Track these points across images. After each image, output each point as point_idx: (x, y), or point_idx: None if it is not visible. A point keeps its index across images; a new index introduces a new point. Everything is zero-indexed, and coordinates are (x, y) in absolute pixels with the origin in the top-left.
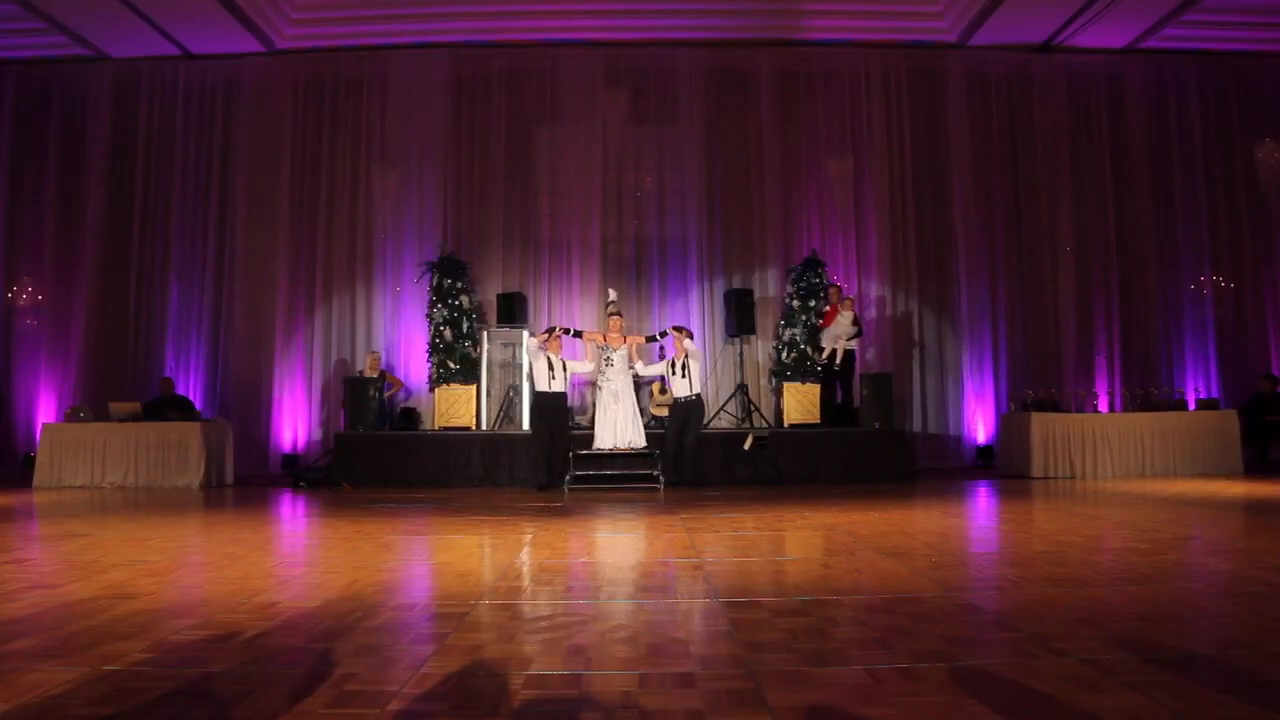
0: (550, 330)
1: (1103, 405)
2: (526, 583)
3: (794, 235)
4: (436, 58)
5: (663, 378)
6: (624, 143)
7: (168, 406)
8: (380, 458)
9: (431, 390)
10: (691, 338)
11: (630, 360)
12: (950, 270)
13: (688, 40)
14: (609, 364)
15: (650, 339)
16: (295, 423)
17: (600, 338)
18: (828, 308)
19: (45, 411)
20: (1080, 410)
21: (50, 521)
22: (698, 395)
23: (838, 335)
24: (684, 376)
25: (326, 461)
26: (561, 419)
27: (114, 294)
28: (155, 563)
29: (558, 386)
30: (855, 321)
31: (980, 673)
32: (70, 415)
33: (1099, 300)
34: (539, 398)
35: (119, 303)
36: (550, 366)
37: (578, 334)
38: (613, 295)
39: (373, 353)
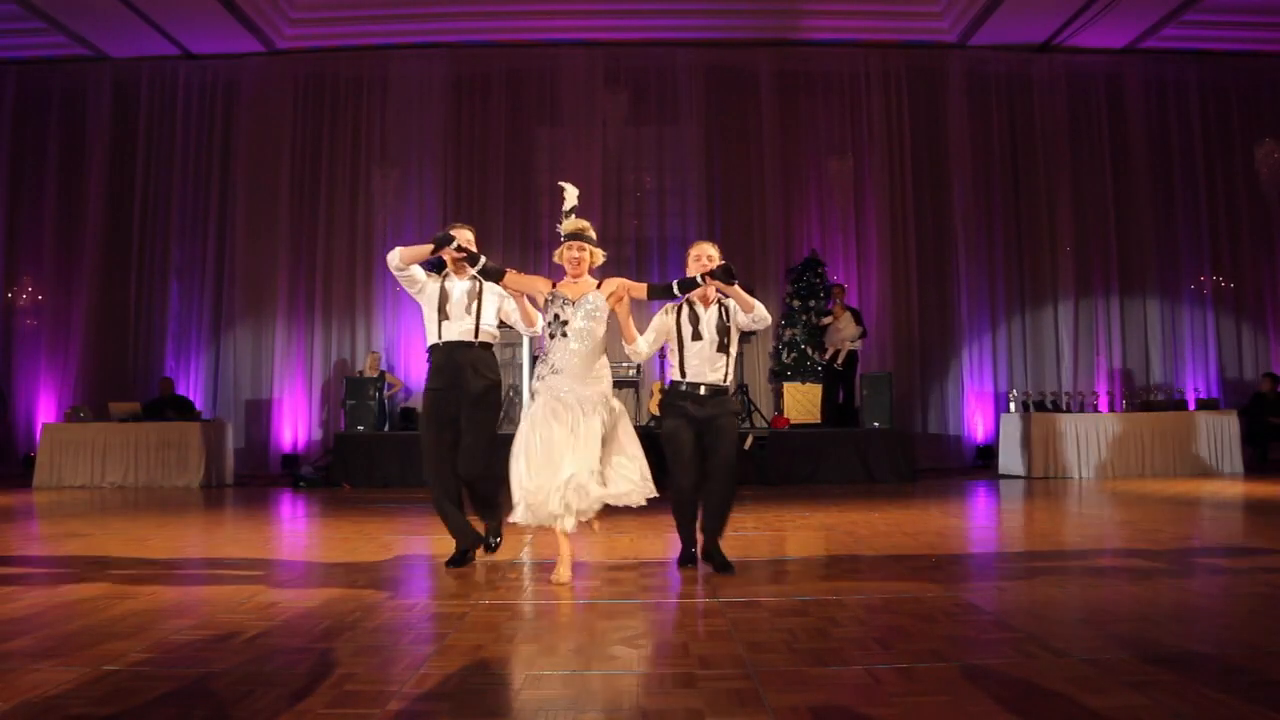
0: (440, 242)
1: (1103, 405)
2: (526, 583)
3: (794, 235)
4: (436, 58)
5: (662, 358)
6: (624, 143)
7: (168, 406)
8: (380, 458)
9: None
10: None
11: (622, 331)
12: (950, 270)
13: (688, 40)
14: (560, 330)
15: (663, 292)
16: (295, 423)
17: (543, 285)
18: (831, 308)
19: (45, 411)
20: (1080, 410)
21: (50, 521)
22: (733, 389)
23: (844, 337)
24: (721, 347)
25: (326, 461)
26: (474, 402)
27: (114, 294)
28: (155, 563)
29: (458, 332)
30: (859, 322)
31: (980, 673)
32: (70, 415)
33: (1099, 300)
34: (430, 360)
35: (119, 303)
36: (444, 296)
37: (488, 272)
38: (570, 195)
39: (373, 353)
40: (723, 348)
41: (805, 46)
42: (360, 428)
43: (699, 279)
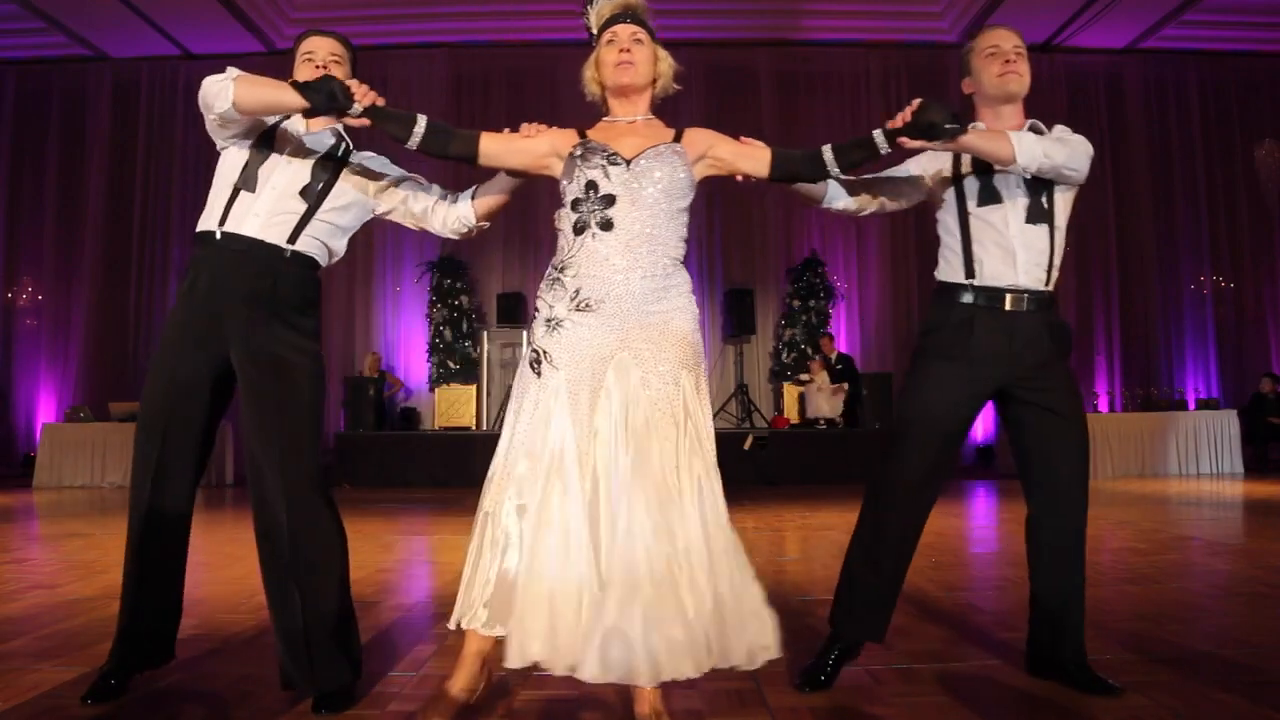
0: (329, 104)
1: (1103, 405)
2: None
3: (794, 235)
4: (436, 58)
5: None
6: None
7: None
8: (380, 458)
9: (431, 390)
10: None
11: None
12: None
13: (688, 40)
14: (597, 214)
15: (804, 168)
16: None
17: (563, 139)
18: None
19: (45, 411)
20: None
21: (50, 521)
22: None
23: (820, 403)
24: (1038, 213)
25: (326, 461)
26: (266, 386)
27: (114, 294)
28: None
29: (260, 223)
30: (851, 370)
31: (980, 673)
32: (70, 415)
33: (1099, 300)
34: (188, 272)
35: (119, 303)
36: (262, 153)
37: (449, 143)
38: None
39: (373, 353)
40: (1041, 214)
41: (805, 46)
42: (360, 428)
43: (878, 141)
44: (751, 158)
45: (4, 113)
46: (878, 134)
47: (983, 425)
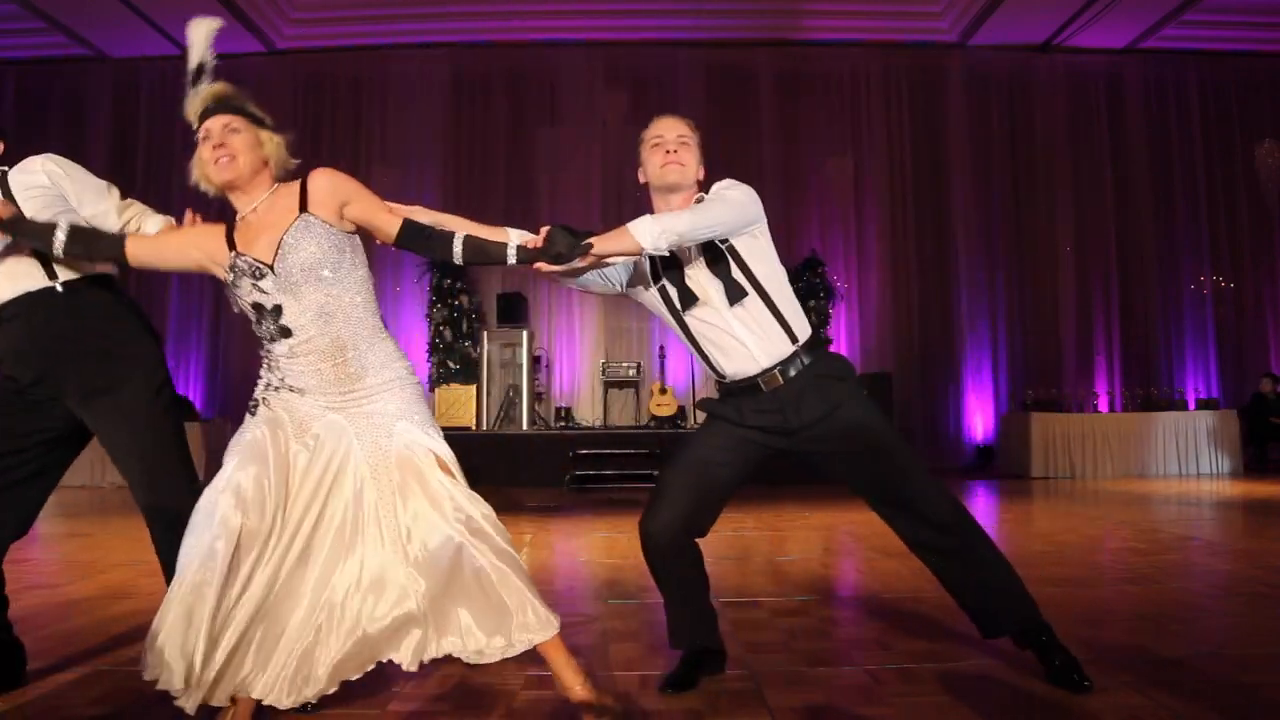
0: None
1: (1103, 405)
2: None
3: (794, 235)
4: (436, 58)
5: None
6: (624, 143)
7: None
8: None
9: (431, 390)
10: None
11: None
12: (950, 270)
13: (688, 40)
14: (270, 325)
15: (425, 246)
16: None
17: (216, 245)
18: None
19: None
20: (1080, 410)
21: (50, 521)
22: (834, 364)
23: None
24: (737, 294)
25: None
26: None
27: None
28: (155, 563)
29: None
30: None
31: (980, 673)
32: None
33: (1099, 300)
34: None
35: None
36: None
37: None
38: (201, 36)
39: None
40: (738, 290)
41: (805, 46)
42: None
43: (509, 255)
44: (380, 225)
45: (4, 113)
46: (511, 250)
47: (983, 427)
